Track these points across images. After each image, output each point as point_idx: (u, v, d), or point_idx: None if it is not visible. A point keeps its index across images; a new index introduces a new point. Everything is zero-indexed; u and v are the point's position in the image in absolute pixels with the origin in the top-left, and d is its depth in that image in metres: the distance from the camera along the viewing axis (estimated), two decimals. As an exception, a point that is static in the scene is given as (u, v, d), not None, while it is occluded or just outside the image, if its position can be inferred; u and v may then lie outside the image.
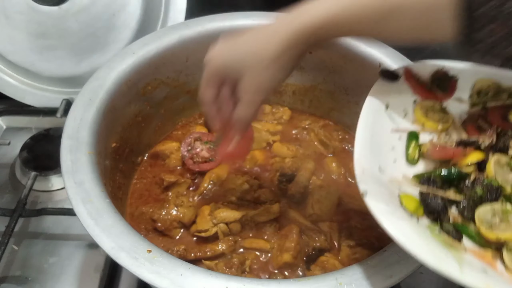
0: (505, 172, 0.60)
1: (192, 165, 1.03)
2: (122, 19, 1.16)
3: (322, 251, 0.91)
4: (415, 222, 0.59)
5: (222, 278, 0.62)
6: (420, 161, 0.68)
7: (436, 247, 0.55)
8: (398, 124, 0.70)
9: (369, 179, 0.60)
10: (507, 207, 0.57)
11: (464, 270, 0.52)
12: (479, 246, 0.57)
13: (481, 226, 0.57)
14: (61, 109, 1.21)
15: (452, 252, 0.55)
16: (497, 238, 0.55)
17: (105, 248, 0.64)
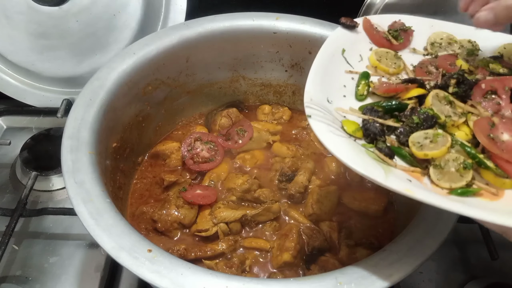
0: (442, 104, 0.66)
1: (193, 165, 1.03)
2: (123, 19, 1.16)
3: (322, 251, 0.91)
4: (352, 141, 0.65)
5: (222, 277, 0.62)
6: (368, 99, 0.74)
7: (367, 159, 0.61)
8: (353, 66, 0.77)
9: (315, 106, 0.68)
10: (440, 132, 0.63)
11: (389, 177, 0.58)
12: (409, 165, 0.63)
13: (412, 147, 0.63)
14: (62, 109, 1.21)
15: (382, 165, 0.61)
16: (425, 155, 0.61)
17: (106, 248, 0.64)
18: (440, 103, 0.66)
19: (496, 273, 1.01)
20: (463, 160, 0.59)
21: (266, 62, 1.12)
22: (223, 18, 1.03)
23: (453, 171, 0.59)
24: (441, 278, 0.99)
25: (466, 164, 0.59)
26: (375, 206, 0.98)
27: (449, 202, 0.55)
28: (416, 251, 0.66)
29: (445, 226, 0.69)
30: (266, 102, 1.22)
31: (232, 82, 1.16)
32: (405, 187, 0.56)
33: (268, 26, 1.03)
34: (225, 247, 0.89)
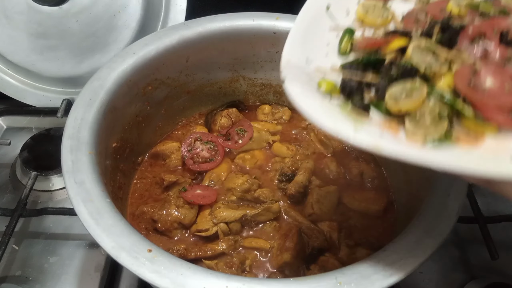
0: (424, 54, 0.62)
1: (193, 165, 1.03)
2: (123, 19, 1.16)
3: (322, 250, 0.91)
4: (327, 101, 0.62)
5: (222, 277, 0.62)
6: (352, 54, 0.70)
7: (339, 117, 0.59)
8: (338, 22, 0.73)
9: (291, 69, 0.66)
10: (416, 84, 0.59)
11: (358, 133, 0.55)
12: (385, 117, 0.60)
13: (388, 101, 0.59)
14: (62, 109, 1.21)
15: (354, 121, 0.58)
16: (399, 109, 0.58)
17: (106, 248, 0.64)
18: (422, 53, 0.62)
19: (496, 273, 1.01)
20: (439, 110, 0.56)
21: (266, 62, 1.12)
22: (223, 18, 1.03)
23: (429, 123, 0.56)
24: (441, 278, 0.99)
25: (442, 114, 0.55)
26: (375, 206, 0.98)
27: (422, 155, 0.51)
28: (416, 251, 0.66)
29: (445, 226, 0.70)
30: (266, 102, 1.22)
31: (232, 82, 1.16)
32: (374, 143, 0.53)
33: (268, 26, 1.03)
34: (225, 247, 0.89)
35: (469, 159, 0.50)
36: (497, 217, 1.02)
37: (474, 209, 1.03)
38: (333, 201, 0.96)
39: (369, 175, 1.06)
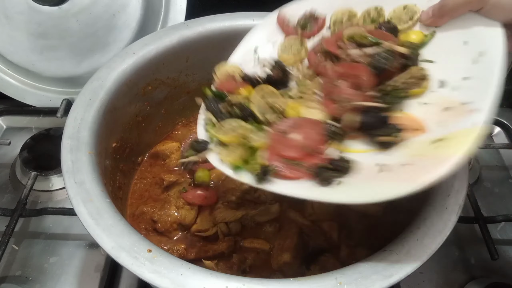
0: (265, 99, 0.73)
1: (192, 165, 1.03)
2: (123, 19, 1.16)
3: (322, 250, 0.91)
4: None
5: (222, 277, 0.62)
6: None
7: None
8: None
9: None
10: (241, 123, 0.71)
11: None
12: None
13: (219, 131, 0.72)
14: (62, 109, 1.21)
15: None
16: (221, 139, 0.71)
17: (106, 248, 0.64)
18: (263, 98, 0.72)
19: (496, 273, 1.01)
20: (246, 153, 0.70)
21: (266, 62, 1.12)
22: (223, 18, 1.03)
23: (235, 155, 0.70)
24: (441, 278, 0.99)
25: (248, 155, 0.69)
26: (375, 206, 0.98)
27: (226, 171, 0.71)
28: (416, 251, 0.66)
29: (445, 226, 0.69)
30: (266, 102, 1.21)
31: (232, 82, 1.16)
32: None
33: (268, 26, 1.03)
34: (225, 247, 0.89)
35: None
36: (497, 217, 1.02)
37: (474, 209, 1.03)
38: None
39: (369, 175, 1.06)
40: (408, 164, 0.59)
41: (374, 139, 0.64)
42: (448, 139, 0.58)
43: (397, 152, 0.62)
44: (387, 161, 0.62)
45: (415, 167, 0.58)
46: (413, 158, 0.60)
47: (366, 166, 0.63)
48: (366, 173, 0.62)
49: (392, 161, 0.61)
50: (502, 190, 1.19)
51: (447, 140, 0.58)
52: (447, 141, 0.58)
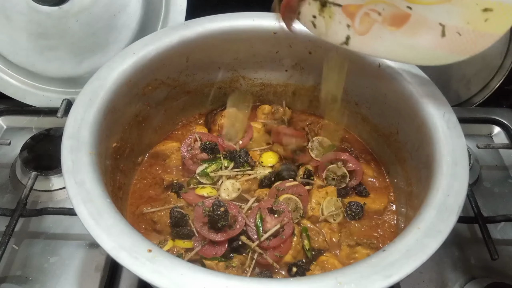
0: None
1: (192, 166, 1.03)
2: (123, 19, 1.16)
3: (321, 251, 0.91)
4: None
5: (222, 277, 0.62)
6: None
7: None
8: None
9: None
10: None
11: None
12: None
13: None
14: (62, 109, 1.21)
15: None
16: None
17: (106, 248, 0.64)
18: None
19: (496, 273, 1.01)
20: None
21: (266, 62, 1.12)
22: (223, 18, 1.03)
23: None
24: (441, 278, 0.99)
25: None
26: (375, 206, 0.98)
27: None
28: (416, 251, 0.66)
29: (445, 226, 0.70)
30: (266, 102, 1.22)
31: (232, 82, 1.16)
32: (340, 41, 0.80)
33: (268, 26, 1.03)
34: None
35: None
36: (497, 217, 1.03)
37: (474, 209, 1.03)
38: (333, 202, 0.96)
39: (369, 175, 1.06)
40: (462, 33, 0.71)
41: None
42: (496, 11, 0.68)
43: (457, 13, 0.71)
44: (448, 21, 0.72)
45: (467, 39, 0.71)
46: (466, 26, 0.71)
47: (433, 23, 0.72)
48: (433, 35, 0.73)
49: (452, 22, 0.71)
50: (502, 190, 1.19)
51: (495, 12, 0.68)
52: (495, 13, 0.68)
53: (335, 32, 0.79)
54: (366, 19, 0.77)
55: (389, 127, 1.03)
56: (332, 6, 0.78)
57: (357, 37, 0.78)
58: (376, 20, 0.76)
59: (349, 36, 0.78)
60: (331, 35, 0.79)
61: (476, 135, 1.33)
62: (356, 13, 0.77)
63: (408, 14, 0.74)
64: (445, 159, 0.79)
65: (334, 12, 0.78)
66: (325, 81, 0.99)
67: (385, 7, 0.76)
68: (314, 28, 0.80)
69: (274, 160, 1.05)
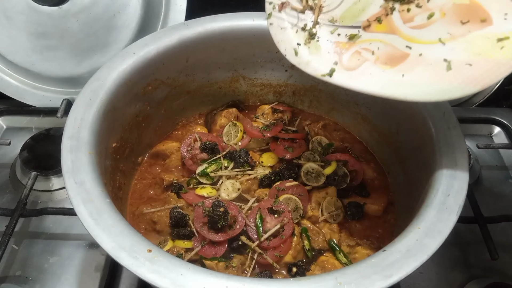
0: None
1: (192, 166, 1.03)
2: (123, 19, 1.16)
3: (322, 251, 0.91)
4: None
5: (222, 277, 0.62)
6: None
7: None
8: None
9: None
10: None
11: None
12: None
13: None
14: (62, 109, 1.21)
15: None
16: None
17: (106, 248, 0.64)
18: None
19: (496, 273, 1.01)
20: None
21: (266, 62, 1.12)
22: (223, 18, 1.03)
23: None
24: (441, 278, 0.99)
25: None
26: (375, 206, 0.98)
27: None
28: (416, 251, 0.66)
29: (446, 227, 0.69)
30: (266, 102, 1.22)
31: (232, 82, 1.16)
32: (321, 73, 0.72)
33: (268, 26, 1.03)
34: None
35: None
36: (497, 217, 1.02)
37: (474, 209, 1.03)
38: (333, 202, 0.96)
39: (369, 175, 1.06)
40: (473, 64, 0.65)
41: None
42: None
43: (463, 48, 0.66)
44: (454, 57, 0.66)
45: (479, 69, 0.64)
46: (478, 57, 0.65)
47: (435, 60, 0.67)
48: (436, 70, 0.67)
49: (458, 57, 0.66)
50: (502, 190, 1.19)
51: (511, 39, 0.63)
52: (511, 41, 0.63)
53: (318, 63, 0.74)
54: (356, 57, 0.72)
55: (389, 127, 1.03)
56: (321, 40, 0.74)
57: (343, 71, 0.72)
58: (367, 59, 0.71)
59: (334, 69, 0.73)
60: (312, 66, 0.74)
61: (476, 135, 1.33)
62: (346, 51, 0.73)
63: (407, 54, 0.69)
64: (445, 159, 0.79)
65: (321, 47, 0.74)
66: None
67: (380, 46, 0.71)
68: (294, 56, 0.74)
69: (274, 160, 1.05)
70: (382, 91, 0.68)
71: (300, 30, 0.76)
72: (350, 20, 0.75)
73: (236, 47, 1.07)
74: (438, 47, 0.68)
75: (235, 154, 1.02)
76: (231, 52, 1.08)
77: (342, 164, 1.02)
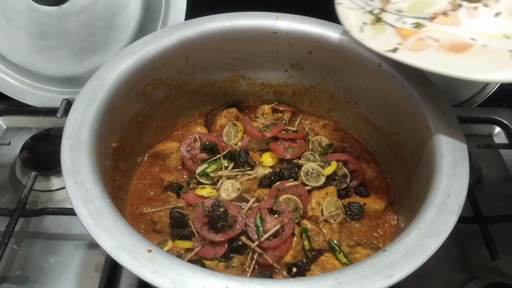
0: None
1: (192, 166, 1.03)
2: (122, 19, 1.16)
3: (322, 251, 0.91)
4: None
5: (222, 277, 0.62)
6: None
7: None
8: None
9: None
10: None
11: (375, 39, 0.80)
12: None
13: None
14: (61, 109, 1.21)
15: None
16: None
17: (106, 248, 0.64)
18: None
19: (496, 273, 1.01)
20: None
21: (266, 62, 1.12)
22: (223, 18, 1.03)
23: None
24: (442, 278, 0.99)
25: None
26: (375, 206, 0.98)
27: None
28: (416, 251, 0.66)
29: (446, 227, 0.69)
30: (266, 102, 1.21)
31: (232, 82, 1.16)
32: (385, 49, 0.73)
33: (268, 25, 1.03)
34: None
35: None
36: (497, 217, 1.02)
37: (474, 209, 1.03)
38: (333, 202, 0.96)
39: (369, 175, 1.06)
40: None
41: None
42: None
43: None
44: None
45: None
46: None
47: (500, 50, 0.71)
48: (501, 57, 0.70)
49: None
50: (503, 190, 1.19)
51: None
52: None
53: (382, 42, 0.77)
54: (420, 42, 0.75)
55: (390, 127, 1.03)
56: (386, 25, 0.77)
57: (407, 51, 0.75)
58: (431, 45, 0.74)
59: (398, 48, 0.76)
60: (377, 43, 0.77)
61: (477, 135, 1.33)
62: (410, 36, 0.76)
63: (471, 44, 0.72)
64: (445, 159, 0.79)
65: (386, 29, 0.77)
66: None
67: (444, 35, 0.74)
68: (359, 32, 0.78)
69: (274, 160, 1.05)
70: (444, 69, 0.71)
71: (367, 12, 0.79)
72: (417, 12, 0.79)
73: (236, 47, 1.07)
74: (503, 40, 0.72)
75: (235, 154, 1.01)
76: (231, 52, 1.08)
77: (342, 164, 1.02)
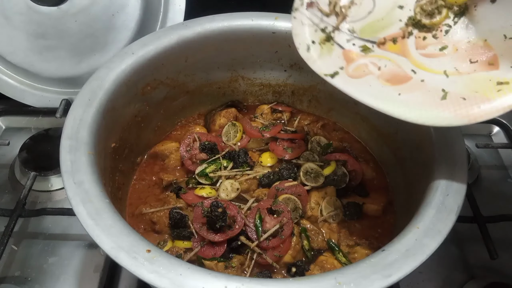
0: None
1: (191, 166, 1.03)
2: (122, 19, 1.16)
3: (321, 251, 0.91)
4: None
5: (221, 277, 0.62)
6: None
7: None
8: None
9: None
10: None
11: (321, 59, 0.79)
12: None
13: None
14: (61, 109, 1.21)
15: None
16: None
17: (105, 248, 0.64)
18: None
19: (496, 273, 1.01)
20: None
21: (265, 62, 1.12)
22: (222, 18, 1.03)
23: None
24: (441, 278, 0.99)
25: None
26: (374, 206, 0.98)
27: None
28: (415, 251, 0.66)
29: (445, 226, 0.69)
30: (265, 102, 1.22)
31: (231, 82, 1.16)
32: (325, 73, 0.74)
33: (267, 26, 1.03)
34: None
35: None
36: (497, 217, 1.02)
37: (473, 209, 1.03)
38: (332, 202, 0.96)
39: (368, 175, 1.06)
40: (467, 99, 0.67)
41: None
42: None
43: (464, 84, 0.69)
44: (452, 89, 0.69)
45: (471, 104, 0.67)
46: (474, 94, 0.67)
47: (434, 88, 0.70)
48: (431, 97, 0.70)
49: (457, 90, 0.69)
50: (502, 190, 1.19)
51: (510, 85, 0.65)
52: (510, 86, 0.65)
53: (325, 64, 0.76)
54: (362, 68, 0.75)
55: (389, 127, 1.03)
56: (335, 45, 0.77)
57: (345, 77, 0.75)
58: (372, 73, 0.74)
59: (338, 72, 0.75)
60: (319, 65, 0.77)
61: (476, 134, 1.33)
62: (355, 61, 0.76)
63: (410, 77, 0.72)
64: (444, 159, 0.80)
65: (333, 50, 0.77)
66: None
67: (388, 64, 0.74)
68: (306, 51, 0.78)
69: (273, 160, 1.05)
70: (374, 102, 0.71)
71: (320, 30, 0.78)
72: (368, 34, 0.78)
73: (235, 47, 1.07)
74: (441, 77, 0.71)
75: (234, 154, 1.01)
76: (230, 52, 1.08)
77: (341, 164, 1.02)
